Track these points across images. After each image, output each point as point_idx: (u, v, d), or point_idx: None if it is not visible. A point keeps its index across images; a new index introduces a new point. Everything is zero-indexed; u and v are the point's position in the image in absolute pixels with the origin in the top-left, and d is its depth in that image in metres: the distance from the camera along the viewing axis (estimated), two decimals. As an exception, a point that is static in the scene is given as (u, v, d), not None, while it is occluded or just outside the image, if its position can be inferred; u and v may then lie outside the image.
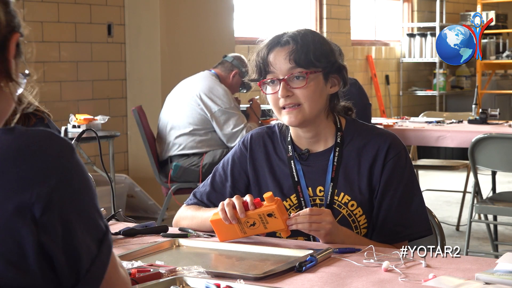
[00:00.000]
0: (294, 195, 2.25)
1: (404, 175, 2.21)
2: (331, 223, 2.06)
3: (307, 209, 2.08)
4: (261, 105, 5.44)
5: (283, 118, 2.22)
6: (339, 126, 2.28)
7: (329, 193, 2.22)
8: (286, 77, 2.19)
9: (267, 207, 2.04)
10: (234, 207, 2.08)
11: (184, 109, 5.04)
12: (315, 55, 2.20)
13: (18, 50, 1.25)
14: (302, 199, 2.24)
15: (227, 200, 2.10)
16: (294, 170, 2.26)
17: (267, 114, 5.58)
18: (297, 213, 2.08)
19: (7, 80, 1.23)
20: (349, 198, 2.21)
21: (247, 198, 2.08)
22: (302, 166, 2.26)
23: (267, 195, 2.06)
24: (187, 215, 2.31)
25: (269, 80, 2.22)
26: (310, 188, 2.24)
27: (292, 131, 2.30)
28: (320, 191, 2.24)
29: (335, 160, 2.24)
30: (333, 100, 2.28)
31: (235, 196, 2.11)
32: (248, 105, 5.40)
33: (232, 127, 4.98)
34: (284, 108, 2.21)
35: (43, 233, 1.14)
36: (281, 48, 2.21)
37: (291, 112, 2.20)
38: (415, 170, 6.08)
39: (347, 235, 2.12)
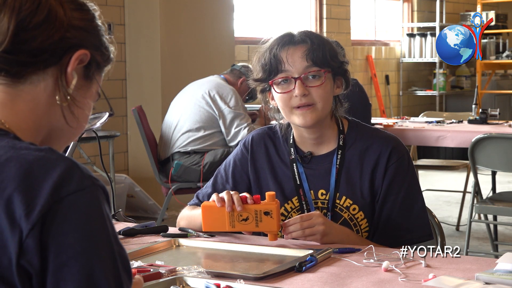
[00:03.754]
0: (296, 197, 2.24)
1: (406, 179, 2.20)
2: (324, 224, 2.05)
3: (297, 216, 2.07)
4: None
5: (295, 118, 2.19)
6: (341, 129, 2.27)
7: (332, 196, 2.21)
8: (302, 75, 2.17)
9: (267, 205, 2.03)
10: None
11: (191, 108, 5.06)
12: (330, 54, 2.19)
13: (87, 70, 1.24)
14: (304, 202, 2.23)
15: (224, 191, 2.09)
16: (296, 173, 2.25)
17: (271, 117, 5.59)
18: (287, 221, 2.07)
19: (64, 93, 1.20)
20: (351, 202, 2.21)
21: (246, 194, 2.08)
22: (305, 169, 2.26)
23: (269, 193, 2.04)
24: (184, 215, 2.31)
25: (280, 80, 2.20)
26: (312, 191, 2.24)
27: (295, 132, 2.29)
28: (322, 194, 2.23)
29: (338, 163, 2.23)
30: (336, 101, 2.27)
31: (233, 191, 2.10)
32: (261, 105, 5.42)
33: (235, 126, 5.00)
34: (297, 108, 2.18)
35: (22, 255, 1.06)
36: (296, 47, 2.18)
37: (305, 113, 2.17)
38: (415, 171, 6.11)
39: (346, 233, 2.12)
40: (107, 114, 1.32)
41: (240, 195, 2.07)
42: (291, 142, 2.29)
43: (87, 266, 1.07)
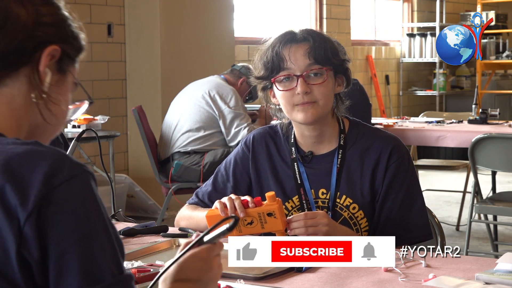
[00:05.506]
0: (297, 196, 2.24)
1: (406, 179, 2.20)
2: (327, 225, 2.05)
3: (302, 213, 2.07)
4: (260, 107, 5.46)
5: (296, 115, 2.19)
6: (342, 128, 2.27)
7: (333, 195, 2.22)
8: (304, 73, 2.18)
9: (268, 206, 2.03)
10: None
11: (191, 108, 5.06)
12: (332, 52, 2.20)
13: (60, 64, 1.23)
14: (304, 201, 2.23)
15: (226, 197, 2.09)
16: (297, 173, 2.26)
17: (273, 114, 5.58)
18: (291, 217, 2.07)
19: (39, 91, 1.20)
20: (351, 201, 2.21)
21: (247, 197, 2.08)
22: (305, 169, 2.26)
23: (269, 194, 2.04)
24: (185, 215, 2.31)
25: (282, 77, 2.20)
26: (312, 191, 2.24)
27: (296, 131, 2.29)
28: (323, 193, 2.23)
29: (338, 163, 2.23)
30: (338, 100, 2.28)
31: (234, 195, 2.09)
32: (262, 105, 5.43)
33: (235, 126, 5.00)
34: (298, 105, 2.18)
35: (22, 244, 1.08)
36: (298, 45, 2.19)
37: (306, 109, 2.17)
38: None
39: (348, 235, 2.12)
40: (87, 103, 1.32)
41: (242, 198, 2.07)
42: (292, 141, 2.29)
43: (88, 251, 1.09)
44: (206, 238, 1.29)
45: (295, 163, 2.26)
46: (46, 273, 1.08)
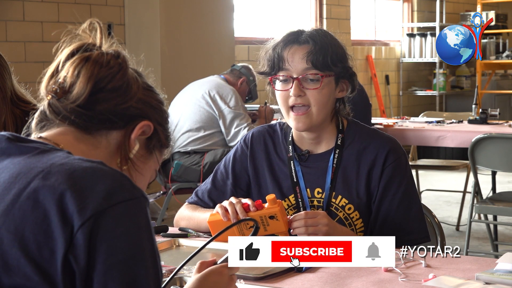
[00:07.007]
0: (293, 195, 2.25)
1: (403, 181, 2.19)
2: (327, 225, 2.05)
3: (302, 212, 2.07)
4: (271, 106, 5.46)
5: (290, 122, 2.20)
6: (340, 128, 2.27)
7: (327, 195, 2.21)
8: (300, 76, 2.17)
9: (270, 209, 2.03)
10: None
11: (191, 108, 5.06)
12: (332, 58, 2.18)
13: (148, 142, 1.33)
14: (300, 200, 2.23)
15: (227, 201, 2.09)
16: (293, 171, 2.26)
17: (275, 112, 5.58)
18: (292, 217, 2.07)
19: (125, 157, 1.29)
20: (346, 201, 2.20)
21: (247, 200, 2.08)
22: (302, 167, 2.26)
23: (269, 197, 2.05)
24: (185, 215, 2.31)
25: (280, 77, 2.21)
26: (308, 190, 2.24)
27: (294, 131, 2.29)
28: (318, 192, 2.23)
29: (335, 162, 2.23)
30: (339, 104, 2.27)
31: (234, 199, 2.09)
32: (262, 105, 5.44)
33: (235, 126, 5.00)
34: (292, 108, 2.18)
35: (71, 249, 1.12)
36: (299, 47, 2.18)
37: (299, 118, 2.17)
38: (415, 170, 6.11)
39: (347, 235, 2.12)
40: (160, 192, 1.40)
41: (243, 202, 2.07)
42: (290, 140, 2.29)
43: (133, 272, 1.14)
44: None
45: (292, 162, 2.26)
46: (88, 284, 1.13)
